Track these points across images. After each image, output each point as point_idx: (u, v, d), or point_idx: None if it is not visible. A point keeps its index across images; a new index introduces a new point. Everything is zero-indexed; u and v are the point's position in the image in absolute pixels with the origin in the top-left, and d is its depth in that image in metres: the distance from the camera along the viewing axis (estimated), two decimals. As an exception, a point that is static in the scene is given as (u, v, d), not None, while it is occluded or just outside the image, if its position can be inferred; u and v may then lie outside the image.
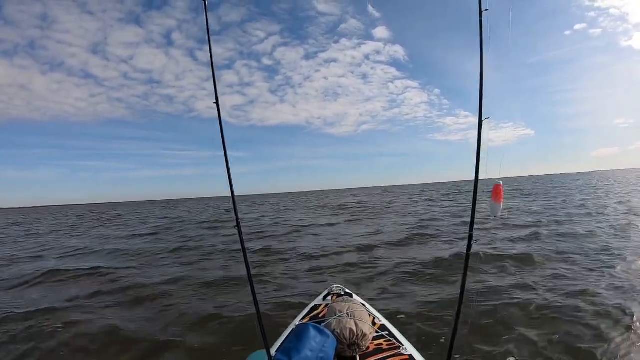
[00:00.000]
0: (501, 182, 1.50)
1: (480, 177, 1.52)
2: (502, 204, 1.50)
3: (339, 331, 1.79)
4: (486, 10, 1.58)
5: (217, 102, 1.85)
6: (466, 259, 1.50)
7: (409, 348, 1.85)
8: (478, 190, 1.52)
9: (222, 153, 1.80)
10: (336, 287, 2.71)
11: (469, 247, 1.50)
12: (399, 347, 1.85)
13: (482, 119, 1.56)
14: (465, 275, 1.53)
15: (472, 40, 1.63)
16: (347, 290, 2.66)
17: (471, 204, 1.58)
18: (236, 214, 1.74)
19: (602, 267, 4.67)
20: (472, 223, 1.53)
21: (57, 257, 8.44)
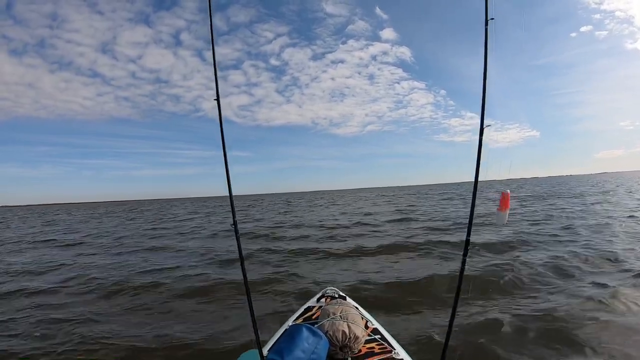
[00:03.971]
0: (509, 191, 1.50)
1: (480, 178, 1.51)
2: (507, 212, 1.50)
3: (331, 333, 1.78)
4: (492, 19, 1.58)
5: (217, 99, 1.85)
6: (462, 264, 1.50)
7: (400, 352, 1.84)
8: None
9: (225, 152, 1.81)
10: (330, 290, 2.70)
11: (466, 252, 1.50)
12: (390, 351, 1.83)
13: (484, 126, 1.57)
14: (460, 280, 1.53)
15: (479, 43, 1.62)
16: (341, 293, 2.64)
17: (470, 209, 1.58)
18: (233, 214, 1.74)
19: None
20: (469, 228, 1.53)
21: None
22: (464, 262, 1.50)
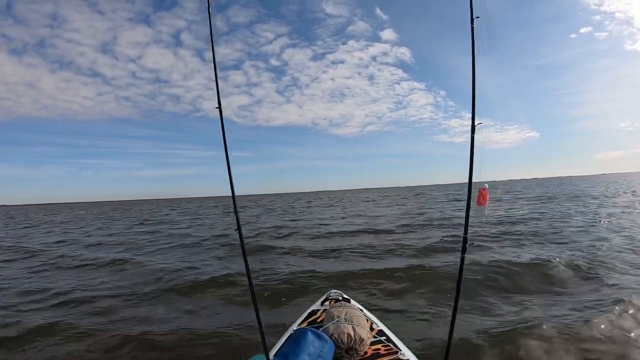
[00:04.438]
0: (487, 186, 1.55)
1: (478, 178, 1.55)
2: (487, 207, 1.54)
3: (336, 336, 1.79)
4: (477, 17, 1.63)
5: (219, 107, 1.87)
6: (461, 262, 1.52)
7: (406, 353, 1.86)
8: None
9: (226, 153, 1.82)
10: (334, 293, 2.71)
11: (464, 249, 1.52)
12: (396, 352, 1.85)
13: (475, 124, 1.60)
14: (460, 277, 1.55)
15: (477, 43, 1.67)
16: (345, 296, 2.66)
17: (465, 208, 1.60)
18: (237, 216, 1.76)
19: None
20: (466, 226, 1.56)
21: None
22: (462, 260, 1.52)
